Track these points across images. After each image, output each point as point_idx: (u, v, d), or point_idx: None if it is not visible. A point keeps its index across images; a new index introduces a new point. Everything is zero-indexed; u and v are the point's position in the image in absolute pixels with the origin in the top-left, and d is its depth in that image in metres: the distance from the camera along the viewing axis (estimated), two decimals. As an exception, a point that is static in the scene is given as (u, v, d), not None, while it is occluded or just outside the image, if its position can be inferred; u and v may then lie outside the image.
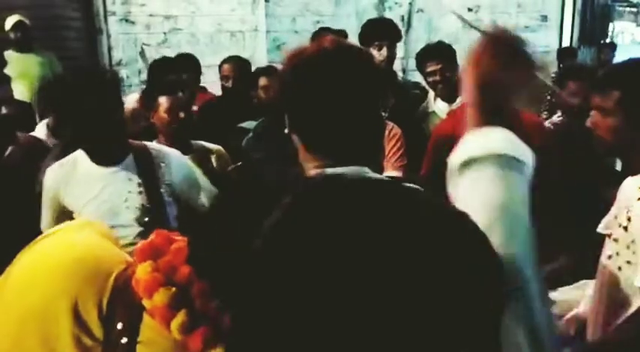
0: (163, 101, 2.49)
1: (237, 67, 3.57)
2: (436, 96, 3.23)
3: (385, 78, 2.91)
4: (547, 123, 2.98)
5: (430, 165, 2.87)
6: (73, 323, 0.87)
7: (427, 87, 3.31)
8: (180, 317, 0.88)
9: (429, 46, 3.42)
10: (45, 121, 2.86)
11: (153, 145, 2.10)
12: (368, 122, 1.03)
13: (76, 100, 1.79)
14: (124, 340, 0.87)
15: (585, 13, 6.93)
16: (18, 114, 2.81)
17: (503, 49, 1.00)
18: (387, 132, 2.86)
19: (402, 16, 6.12)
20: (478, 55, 1.00)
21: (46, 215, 1.99)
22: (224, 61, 3.67)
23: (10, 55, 4.57)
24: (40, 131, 2.88)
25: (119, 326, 0.88)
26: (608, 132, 1.60)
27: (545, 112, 3.67)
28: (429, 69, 3.18)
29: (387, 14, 5.99)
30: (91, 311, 0.88)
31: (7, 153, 2.34)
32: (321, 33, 3.62)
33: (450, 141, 2.66)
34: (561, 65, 5.81)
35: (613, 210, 1.66)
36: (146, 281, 0.90)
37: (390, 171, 2.79)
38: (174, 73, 3.18)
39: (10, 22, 4.54)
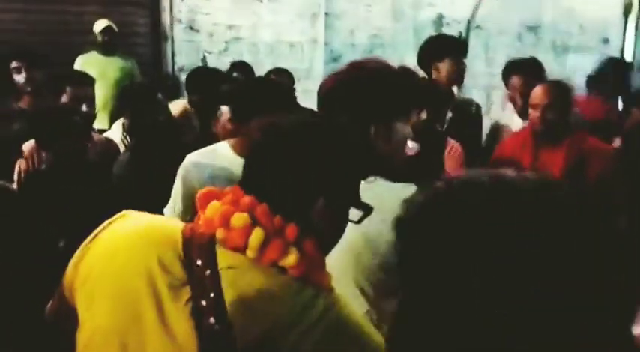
0: (226, 110, 2.57)
1: (284, 81, 3.67)
2: (515, 111, 3.28)
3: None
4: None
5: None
6: (163, 276, 0.99)
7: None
8: (256, 234, 0.99)
9: (517, 59, 3.47)
10: (121, 121, 2.99)
11: None
12: None
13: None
14: (207, 272, 0.98)
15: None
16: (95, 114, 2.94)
17: None
18: (447, 149, 2.89)
19: (460, 33, 6.12)
20: None
21: (179, 204, 2.01)
22: (270, 73, 3.75)
23: (92, 56, 4.80)
24: (115, 130, 3.01)
25: (199, 262, 0.99)
26: None
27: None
28: (513, 83, 3.25)
29: (445, 30, 6.00)
30: (174, 262, 1.00)
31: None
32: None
33: (506, 162, 2.66)
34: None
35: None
36: (222, 212, 1.02)
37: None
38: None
39: (99, 25, 4.76)
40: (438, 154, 2.88)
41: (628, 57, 6.54)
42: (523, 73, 3.28)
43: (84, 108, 2.77)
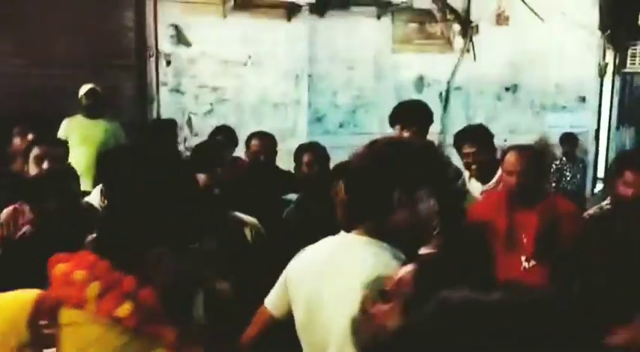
0: (202, 178, 2.62)
1: (267, 143, 3.73)
2: (470, 176, 3.33)
3: None
4: (594, 209, 2.99)
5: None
6: (13, 338, 1.05)
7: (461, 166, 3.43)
8: (92, 287, 1.06)
9: (467, 128, 3.56)
10: (100, 186, 3.02)
11: None
12: None
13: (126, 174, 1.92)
14: (47, 331, 1.05)
15: (624, 94, 6.99)
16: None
17: None
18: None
19: (440, 93, 6.28)
20: None
21: None
22: (253, 136, 3.81)
23: (77, 119, 4.86)
24: (95, 195, 3.03)
25: (42, 322, 1.06)
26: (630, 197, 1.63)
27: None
28: (465, 150, 3.31)
29: (426, 91, 6.17)
30: (21, 324, 1.06)
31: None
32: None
33: (482, 222, 2.69)
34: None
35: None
36: (63, 271, 1.09)
37: (426, 249, 2.84)
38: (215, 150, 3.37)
39: (83, 89, 4.85)
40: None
41: (604, 116, 6.73)
42: (474, 140, 3.36)
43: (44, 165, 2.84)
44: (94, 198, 3.04)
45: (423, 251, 2.84)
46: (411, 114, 3.45)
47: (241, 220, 2.76)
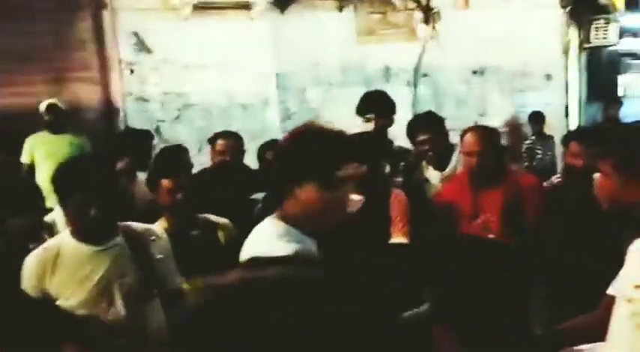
0: (165, 183, 2.60)
1: (232, 143, 3.68)
2: (427, 164, 3.33)
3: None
4: (545, 184, 3.02)
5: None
6: None
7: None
8: None
9: (418, 116, 3.58)
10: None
11: (137, 224, 2.16)
12: None
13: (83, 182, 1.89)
14: None
15: (591, 69, 7.04)
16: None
17: None
18: (391, 197, 2.92)
19: (408, 82, 6.28)
20: None
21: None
22: (218, 136, 3.77)
23: (41, 135, 4.81)
24: (58, 211, 2.98)
25: None
26: (608, 194, 1.63)
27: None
28: (420, 138, 3.30)
29: (394, 80, 6.17)
30: None
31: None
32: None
33: (447, 205, 2.70)
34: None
35: (625, 272, 1.65)
36: None
37: (398, 237, 2.84)
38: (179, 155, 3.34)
39: (44, 105, 4.79)
40: (383, 204, 2.92)
41: (572, 92, 6.77)
42: (427, 127, 3.34)
43: None
44: (58, 215, 2.99)
45: (394, 240, 2.84)
46: (372, 104, 3.46)
47: (212, 222, 2.74)
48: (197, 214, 2.70)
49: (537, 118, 6.24)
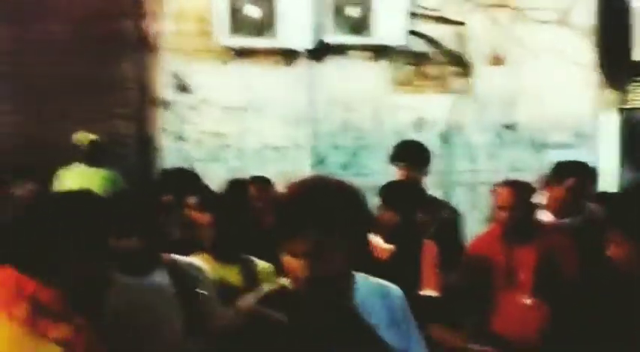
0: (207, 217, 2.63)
1: (264, 188, 3.73)
2: None
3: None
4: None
5: (464, 281, 2.90)
6: None
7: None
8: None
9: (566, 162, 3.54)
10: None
11: (182, 258, 2.17)
12: None
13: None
14: None
15: (626, 131, 6.92)
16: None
17: None
18: (423, 248, 2.92)
19: (441, 133, 6.33)
20: None
21: None
22: (250, 182, 3.81)
23: (75, 167, 4.93)
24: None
25: None
26: (623, 262, 1.62)
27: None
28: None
29: (425, 132, 6.21)
30: None
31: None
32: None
33: (480, 259, 2.69)
34: None
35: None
36: None
37: (428, 291, 2.83)
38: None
39: (83, 137, 4.93)
40: (414, 254, 2.92)
41: (604, 153, 6.71)
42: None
43: None
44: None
45: (424, 292, 2.83)
46: (408, 153, 3.50)
47: (255, 263, 2.70)
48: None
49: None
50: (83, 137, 4.96)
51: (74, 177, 4.88)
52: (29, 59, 5.22)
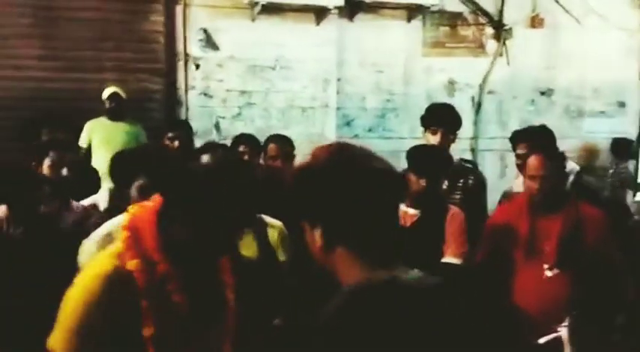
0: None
1: (283, 147, 3.64)
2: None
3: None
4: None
5: (484, 252, 2.82)
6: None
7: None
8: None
9: (526, 128, 3.56)
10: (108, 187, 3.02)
11: None
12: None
13: None
14: None
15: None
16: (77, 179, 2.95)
17: None
18: (448, 215, 2.84)
19: (473, 97, 6.15)
20: None
21: None
22: (269, 140, 3.72)
23: (100, 121, 4.97)
24: (102, 194, 3.05)
25: None
26: None
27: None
28: (518, 151, 3.29)
29: (457, 95, 6.04)
30: None
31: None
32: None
33: (502, 229, 2.60)
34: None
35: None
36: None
37: (450, 258, 2.76)
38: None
39: (106, 92, 4.95)
40: (438, 221, 2.85)
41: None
42: (529, 141, 3.28)
43: (64, 172, 2.81)
44: (101, 198, 3.06)
45: (445, 260, 2.76)
46: (439, 117, 3.37)
47: (266, 222, 2.69)
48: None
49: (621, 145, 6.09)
50: (107, 91, 4.97)
51: (97, 131, 4.92)
52: (60, 12, 5.19)
